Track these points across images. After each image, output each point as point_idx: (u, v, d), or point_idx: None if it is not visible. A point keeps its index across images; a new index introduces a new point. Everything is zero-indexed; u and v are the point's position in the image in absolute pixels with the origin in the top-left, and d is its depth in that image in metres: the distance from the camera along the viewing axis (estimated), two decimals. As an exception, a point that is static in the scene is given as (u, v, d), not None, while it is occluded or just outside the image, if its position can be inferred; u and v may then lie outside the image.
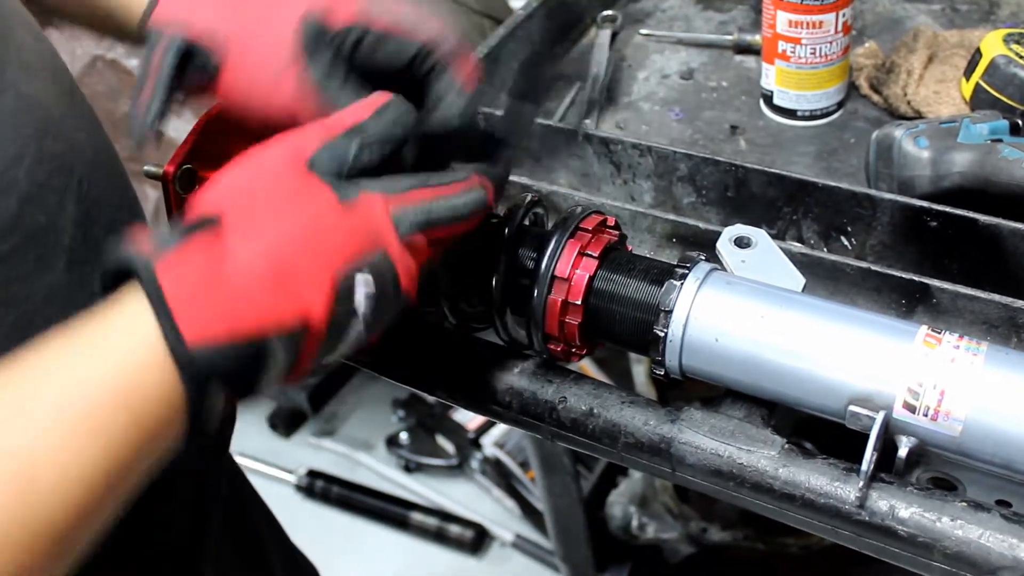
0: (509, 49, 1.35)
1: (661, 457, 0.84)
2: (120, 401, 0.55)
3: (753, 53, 1.40)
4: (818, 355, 0.78)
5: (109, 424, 0.54)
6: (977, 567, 0.74)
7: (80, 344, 0.57)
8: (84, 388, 0.54)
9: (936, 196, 1.01)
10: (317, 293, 0.60)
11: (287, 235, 0.60)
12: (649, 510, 2.02)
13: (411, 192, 0.66)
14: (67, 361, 0.56)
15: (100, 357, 0.56)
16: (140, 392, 0.56)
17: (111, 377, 0.55)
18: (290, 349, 0.59)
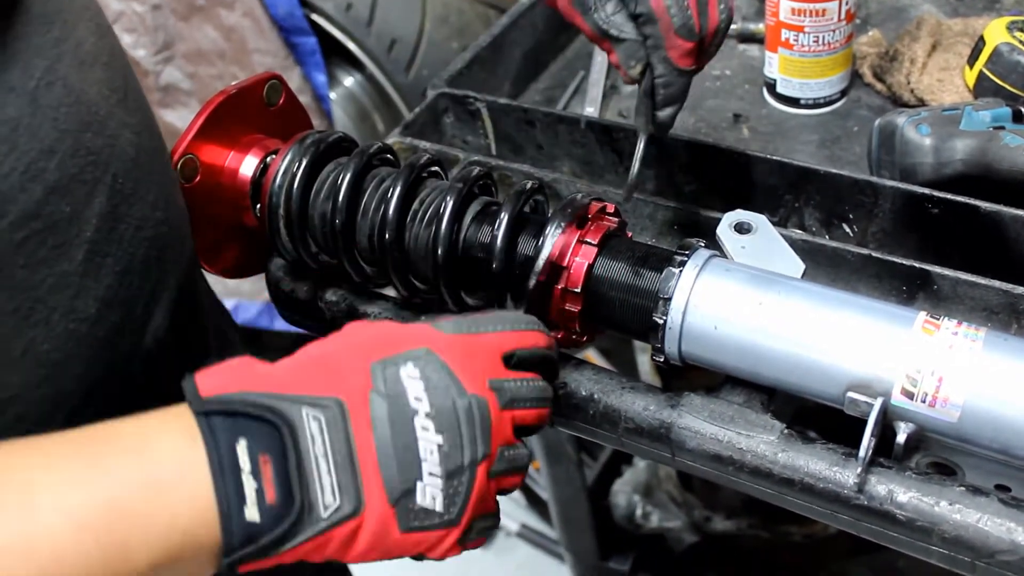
0: (512, 38, 1.35)
1: (661, 442, 0.85)
2: (162, 545, 0.59)
3: (756, 42, 1.40)
4: (816, 342, 0.78)
5: (142, 559, 0.58)
6: (975, 551, 0.74)
7: (148, 475, 0.60)
8: (133, 520, 0.59)
9: (938, 183, 1.01)
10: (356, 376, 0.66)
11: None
12: (653, 499, 2.02)
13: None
14: (130, 490, 0.59)
15: (161, 497, 0.60)
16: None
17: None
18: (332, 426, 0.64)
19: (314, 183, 0.94)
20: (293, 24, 2.34)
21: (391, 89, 2.35)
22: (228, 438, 0.62)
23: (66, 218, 0.69)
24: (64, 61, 0.69)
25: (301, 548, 0.62)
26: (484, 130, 1.21)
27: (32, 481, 0.57)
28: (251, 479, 0.61)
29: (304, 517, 0.62)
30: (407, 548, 0.67)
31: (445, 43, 2.31)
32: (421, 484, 0.65)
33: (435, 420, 0.66)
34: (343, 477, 0.63)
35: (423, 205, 0.90)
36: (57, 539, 0.56)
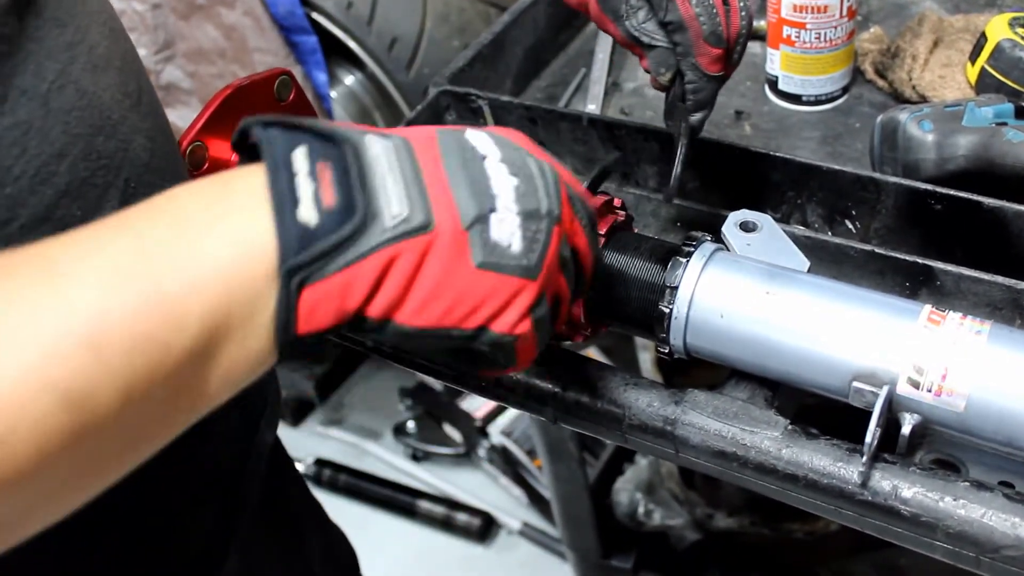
0: (513, 36, 1.35)
1: (665, 438, 0.85)
2: (209, 283, 0.54)
3: (758, 39, 1.40)
4: (822, 333, 0.79)
5: (191, 303, 0.53)
6: (980, 546, 0.74)
7: (181, 222, 0.56)
8: (170, 262, 0.54)
9: (940, 179, 1.01)
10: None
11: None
12: (655, 497, 2.02)
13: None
14: (163, 234, 0.55)
15: (202, 236, 0.55)
16: (235, 281, 0.55)
17: (212, 262, 0.55)
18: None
19: None
20: (294, 23, 2.34)
21: (392, 88, 2.35)
22: (285, 144, 0.58)
23: (77, 222, 0.67)
24: (77, 64, 0.69)
25: (366, 264, 0.57)
26: (486, 128, 1.21)
27: (52, 255, 0.52)
28: (308, 180, 0.57)
29: (368, 223, 0.57)
30: (479, 297, 0.61)
31: (446, 41, 2.31)
32: (496, 216, 0.61)
33: (508, 164, 0.63)
34: (412, 191, 0.59)
35: None
36: (91, 298, 0.51)
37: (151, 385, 0.52)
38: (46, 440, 0.48)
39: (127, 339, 0.51)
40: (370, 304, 0.58)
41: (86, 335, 0.49)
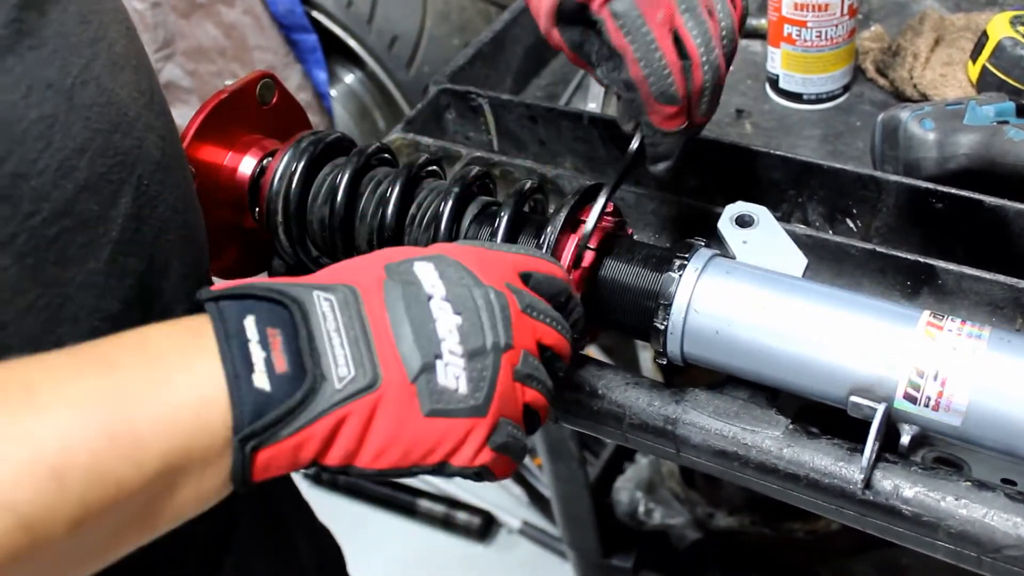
0: (514, 34, 1.35)
1: (666, 438, 0.85)
2: (171, 429, 0.57)
3: (759, 37, 1.40)
4: (819, 345, 0.78)
5: (152, 446, 0.56)
6: (981, 546, 0.74)
7: (151, 363, 0.59)
8: (139, 404, 0.56)
9: (942, 178, 1.01)
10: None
11: None
12: (656, 496, 2.02)
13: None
14: (133, 375, 0.58)
15: (167, 383, 0.58)
16: (191, 426, 0.58)
17: (171, 406, 0.58)
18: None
19: (311, 187, 0.94)
20: (293, 21, 2.34)
21: (392, 86, 2.35)
22: (236, 314, 0.61)
23: (94, 217, 0.69)
24: (99, 61, 0.70)
25: (317, 426, 0.60)
26: (486, 126, 1.21)
27: (31, 380, 0.55)
28: (259, 348, 0.60)
29: (317, 387, 0.60)
30: (432, 442, 0.64)
31: (446, 40, 2.31)
32: (441, 362, 0.63)
33: (452, 303, 0.65)
34: (357, 351, 0.61)
35: (421, 209, 0.90)
36: (62, 428, 0.53)
37: (105, 514, 0.55)
38: (3, 561, 0.50)
39: (89, 472, 0.53)
40: (325, 456, 0.62)
41: (51, 465, 0.52)
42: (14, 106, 0.63)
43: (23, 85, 0.63)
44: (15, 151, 0.62)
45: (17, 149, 0.63)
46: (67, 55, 0.67)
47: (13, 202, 0.63)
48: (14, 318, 0.65)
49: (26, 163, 0.63)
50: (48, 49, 0.65)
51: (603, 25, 0.84)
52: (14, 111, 0.63)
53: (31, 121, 0.63)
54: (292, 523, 1.09)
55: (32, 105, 0.63)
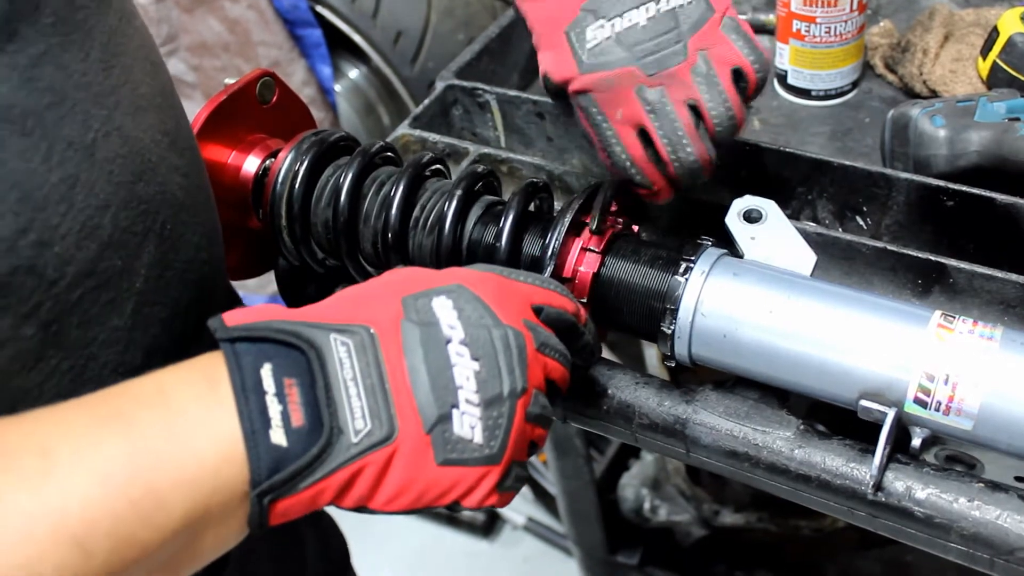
0: (521, 30, 1.34)
1: (676, 438, 0.84)
2: (191, 489, 0.57)
3: (767, 33, 1.39)
4: (828, 347, 0.77)
5: (174, 507, 0.56)
6: (994, 548, 0.73)
7: (170, 421, 0.58)
8: (159, 465, 0.56)
9: (952, 175, 1.00)
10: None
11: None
12: (661, 493, 2.01)
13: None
14: (152, 434, 0.57)
15: (186, 441, 0.58)
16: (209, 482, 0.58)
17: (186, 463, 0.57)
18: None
19: (314, 189, 0.93)
20: (298, 16, 2.33)
21: (396, 82, 2.35)
22: (253, 362, 0.60)
23: (118, 272, 0.67)
24: (121, 109, 0.67)
25: (333, 479, 0.60)
26: (494, 122, 1.20)
27: (49, 446, 0.54)
28: (275, 401, 0.59)
29: (334, 441, 0.60)
30: (444, 488, 0.64)
31: (451, 35, 2.30)
32: (458, 412, 0.63)
33: (470, 347, 0.64)
34: (374, 401, 0.61)
35: (424, 211, 0.89)
36: (84, 497, 0.53)
37: (129, 573, 0.55)
38: None
39: (112, 538, 0.53)
40: (340, 501, 0.62)
41: (75, 535, 0.52)
42: (34, 172, 0.60)
43: (43, 147, 0.61)
44: (37, 219, 0.60)
45: (39, 216, 0.60)
46: (89, 108, 0.64)
47: (37, 272, 0.61)
48: (37, 384, 0.64)
49: (49, 229, 0.61)
50: (68, 105, 0.63)
51: (575, 110, 0.88)
52: (34, 177, 0.60)
53: (52, 185, 0.61)
54: (300, 519, 1.08)
55: (54, 167, 0.61)
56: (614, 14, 0.85)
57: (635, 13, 0.85)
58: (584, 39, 0.85)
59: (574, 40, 0.86)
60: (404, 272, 0.70)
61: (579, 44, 0.85)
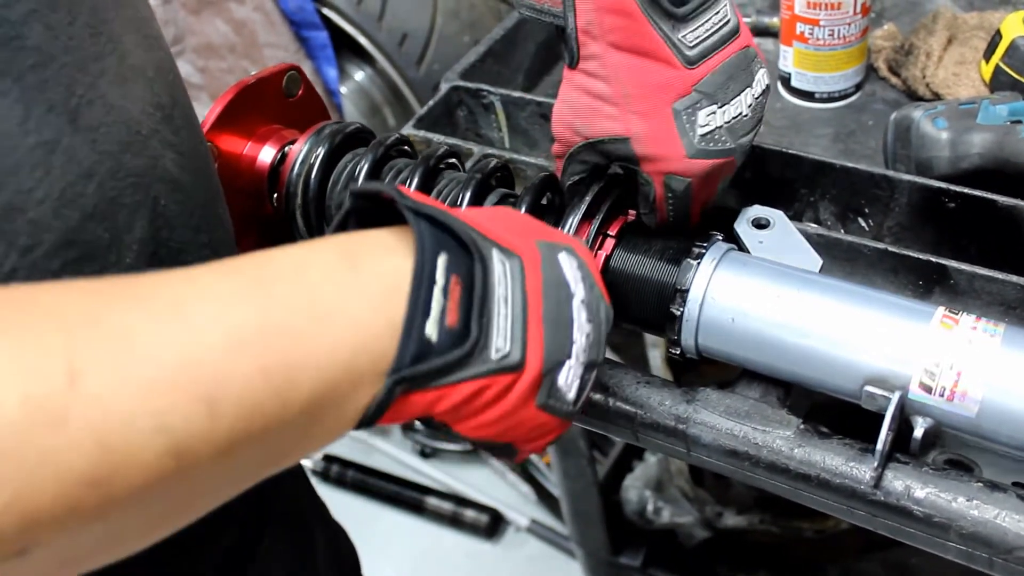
0: (525, 31, 1.34)
1: (677, 437, 0.84)
2: (324, 368, 0.56)
3: (771, 35, 1.40)
4: (834, 335, 0.78)
5: (303, 385, 0.54)
6: (993, 547, 0.73)
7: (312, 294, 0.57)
8: (296, 339, 0.55)
9: (955, 177, 1.00)
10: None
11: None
12: (664, 494, 2.02)
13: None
14: (291, 305, 0.56)
15: (327, 318, 0.57)
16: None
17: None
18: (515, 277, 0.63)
19: (332, 173, 0.94)
20: (304, 18, 2.34)
21: (402, 83, 2.35)
22: (432, 247, 0.60)
23: (104, 244, 0.65)
24: (106, 76, 0.65)
25: (461, 387, 0.60)
26: (498, 123, 1.21)
27: (183, 301, 0.52)
28: (440, 295, 0.59)
29: (475, 352, 0.60)
30: (529, 428, 0.66)
31: (456, 37, 2.31)
32: (568, 364, 0.65)
33: (587, 310, 0.67)
34: (516, 328, 0.62)
35: (440, 196, 0.90)
36: (218, 357, 0.51)
37: (249, 447, 0.53)
38: (148, 484, 0.48)
39: (240, 405, 0.51)
40: (445, 412, 0.62)
41: (205, 393, 0.50)
42: (8, 134, 0.59)
43: (19, 109, 0.59)
44: (9, 183, 0.59)
45: (11, 181, 0.59)
46: (73, 72, 0.63)
47: (8, 237, 0.59)
48: None
49: (21, 194, 0.59)
50: (53, 68, 0.61)
51: (648, 181, 0.85)
52: (8, 139, 0.59)
53: (28, 148, 0.59)
54: (311, 520, 1.09)
55: (30, 131, 0.59)
56: (725, 101, 0.82)
57: (741, 100, 0.84)
58: (695, 122, 0.81)
59: (684, 120, 0.81)
60: (514, 212, 0.71)
61: (690, 126, 0.81)
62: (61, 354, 0.46)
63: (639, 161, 0.83)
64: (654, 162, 0.83)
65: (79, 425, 0.45)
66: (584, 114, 0.84)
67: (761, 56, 0.88)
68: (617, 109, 0.82)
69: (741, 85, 0.84)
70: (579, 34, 0.81)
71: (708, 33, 0.81)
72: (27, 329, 0.46)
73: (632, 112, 0.82)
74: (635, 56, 0.80)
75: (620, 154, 0.84)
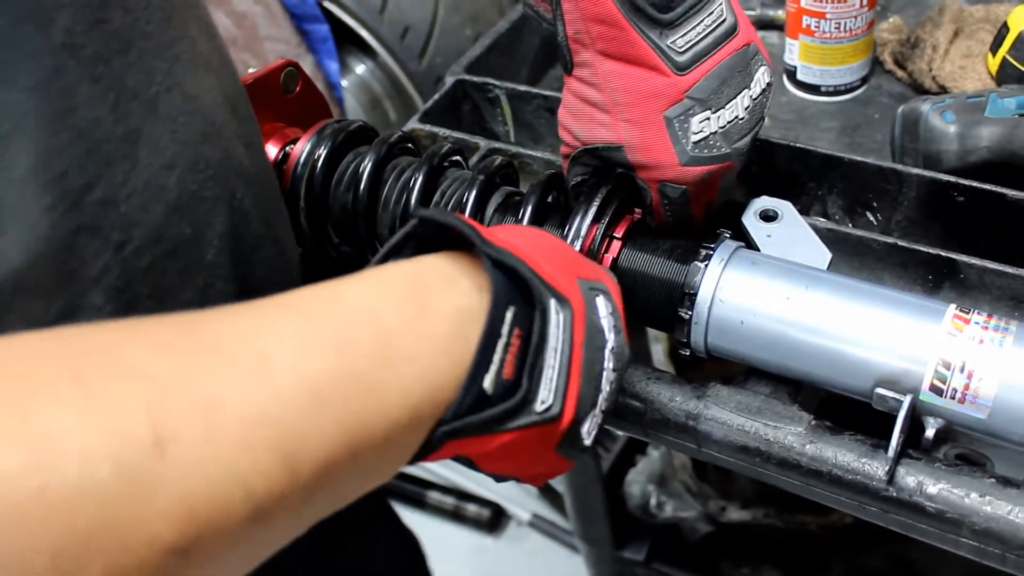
0: (530, 24, 1.34)
1: (687, 433, 0.84)
2: (389, 424, 0.55)
3: (776, 28, 1.39)
4: (845, 336, 0.77)
5: (372, 439, 0.54)
6: (1006, 543, 0.73)
7: (387, 352, 0.56)
8: (370, 396, 0.54)
9: (963, 171, 1.00)
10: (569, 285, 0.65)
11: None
12: (668, 488, 2.01)
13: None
14: (369, 365, 0.55)
15: (399, 373, 0.56)
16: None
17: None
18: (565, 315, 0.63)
19: (334, 172, 0.94)
20: (305, 11, 2.33)
21: (404, 77, 2.34)
22: (505, 300, 0.60)
23: (187, 240, 0.64)
24: (181, 64, 0.64)
25: (503, 436, 0.60)
26: (503, 117, 1.20)
27: (266, 353, 0.50)
28: (501, 349, 0.59)
29: (523, 406, 0.60)
30: (543, 468, 0.68)
31: (458, 30, 2.30)
32: (592, 414, 0.65)
33: (615, 358, 0.66)
34: (560, 381, 0.62)
35: (444, 196, 0.90)
36: (300, 417, 0.50)
37: (319, 498, 0.52)
38: (228, 547, 0.48)
39: (317, 460, 0.50)
40: (478, 455, 0.63)
41: (286, 450, 0.49)
42: (100, 122, 0.57)
43: (111, 97, 0.57)
44: (104, 175, 0.57)
45: (105, 172, 0.57)
46: (151, 59, 0.61)
47: (104, 232, 0.57)
48: None
49: (114, 187, 0.58)
50: (133, 53, 0.59)
51: (646, 187, 0.85)
52: (101, 128, 0.57)
53: (118, 139, 0.58)
54: (378, 529, 1.08)
55: (119, 120, 0.58)
56: (719, 106, 0.81)
57: (737, 103, 0.82)
58: (688, 129, 0.80)
59: (676, 128, 0.80)
60: (555, 240, 0.71)
61: (682, 134, 0.80)
62: (146, 417, 0.44)
63: (634, 168, 0.83)
64: (648, 170, 0.82)
65: (168, 494, 0.44)
66: (581, 119, 0.84)
67: (764, 52, 0.87)
68: (609, 117, 0.81)
69: (737, 88, 0.82)
70: (569, 42, 0.81)
71: (700, 36, 0.80)
72: (107, 388, 0.44)
73: (624, 120, 0.81)
74: (625, 64, 0.79)
75: (616, 161, 0.83)
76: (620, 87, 0.80)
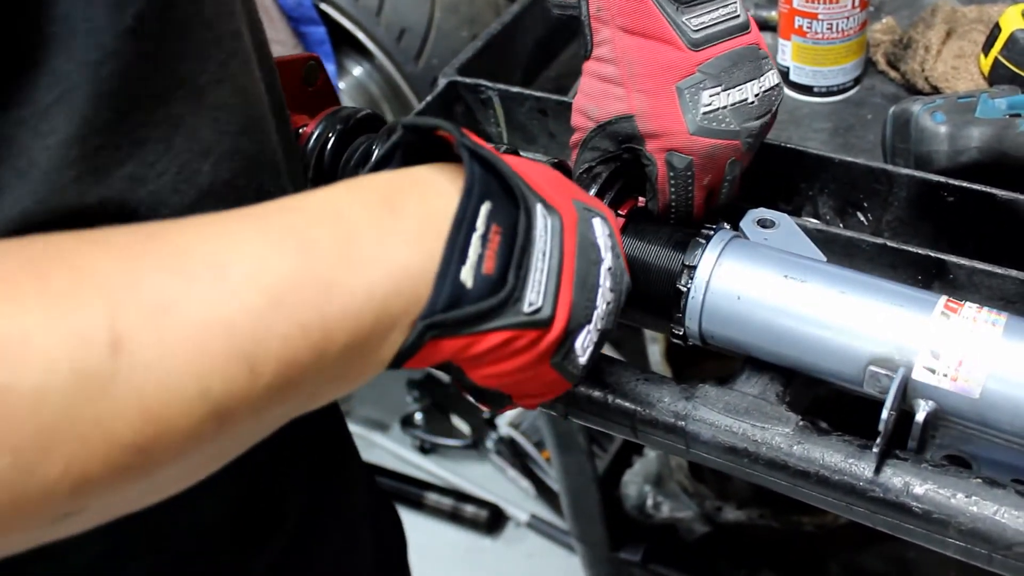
0: (523, 26, 1.34)
1: (676, 434, 0.84)
2: (359, 318, 0.55)
3: (769, 29, 1.39)
4: (838, 321, 0.79)
5: (339, 336, 0.54)
6: (992, 543, 0.73)
7: (348, 242, 0.57)
8: (330, 292, 0.54)
9: (953, 171, 1.00)
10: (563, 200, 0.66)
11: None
12: (664, 489, 2.02)
13: None
14: (328, 257, 0.55)
15: (362, 265, 0.56)
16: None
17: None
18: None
19: (343, 154, 0.95)
20: (302, 13, 2.33)
21: (400, 78, 2.34)
22: (480, 192, 0.60)
23: None
24: (235, 60, 0.64)
25: (491, 336, 0.60)
26: (496, 119, 1.20)
27: (222, 260, 0.51)
28: (479, 243, 0.59)
29: (508, 304, 0.60)
30: (539, 387, 0.68)
31: (455, 32, 2.30)
32: (587, 328, 0.66)
33: (612, 277, 0.67)
34: (550, 284, 0.62)
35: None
36: (257, 317, 0.50)
37: (286, 400, 0.54)
38: (190, 445, 0.49)
39: (279, 362, 0.52)
40: (467, 359, 0.62)
41: (246, 351, 0.50)
42: (144, 104, 0.57)
43: (160, 80, 0.58)
44: (135, 154, 0.58)
45: (137, 152, 0.58)
46: (208, 49, 0.61)
47: (129, 208, 0.58)
48: None
49: (144, 166, 0.58)
50: (192, 41, 0.60)
51: (649, 159, 0.88)
52: (143, 111, 0.58)
53: (157, 122, 0.58)
54: (358, 522, 1.08)
55: (163, 104, 0.58)
56: (730, 85, 0.85)
57: (747, 87, 0.86)
58: (699, 101, 0.84)
59: (687, 99, 0.84)
60: (553, 170, 0.71)
61: (692, 104, 0.84)
62: (104, 320, 0.46)
63: (643, 140, 0.86)
64: (657, 138, 0.85)
65: (124, 394, 0.46)
66: (596, 98, 0.88)
67: (772, 59, 0.89)
68: (624, 89, 0.86)
69: (747, 74, 0.86)
70: (592, 20, 0.86)
71: (714, 22, 0.85)
72: (68, 292, 0.46)
73: (637, 90, 0.85)
74: (642, 38, 0.84)
75: (626, 133, 0.87)
76: (636, 59, 0.85)
